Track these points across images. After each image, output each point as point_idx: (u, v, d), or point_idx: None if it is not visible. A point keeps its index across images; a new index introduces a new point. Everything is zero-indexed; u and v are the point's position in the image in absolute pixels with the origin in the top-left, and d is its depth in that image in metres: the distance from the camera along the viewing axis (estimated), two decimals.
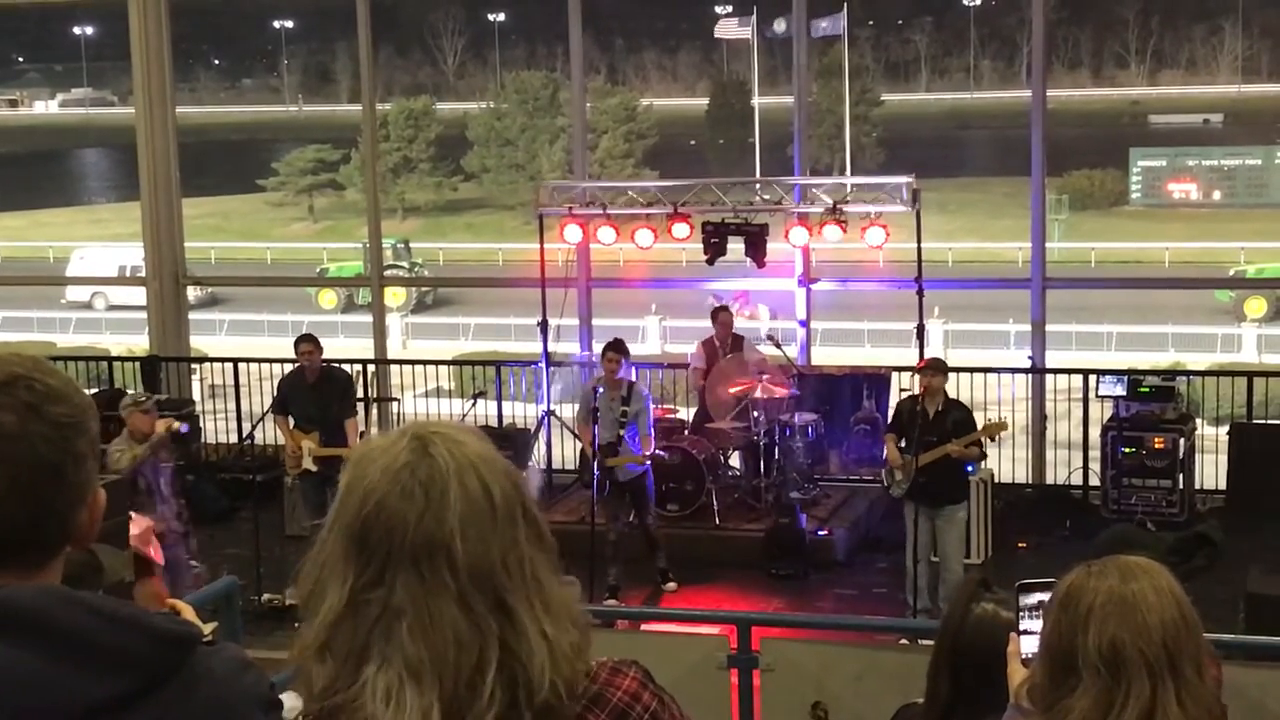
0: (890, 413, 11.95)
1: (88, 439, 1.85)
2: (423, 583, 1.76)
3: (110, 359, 18.43)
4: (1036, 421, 14.38)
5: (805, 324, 15.18)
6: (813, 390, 13.66)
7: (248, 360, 16.17)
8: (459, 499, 1.77)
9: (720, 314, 13.58)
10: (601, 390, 11.71)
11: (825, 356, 21.11)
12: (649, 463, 11.79)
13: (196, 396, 16.57)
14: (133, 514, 9.11)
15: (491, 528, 1.77)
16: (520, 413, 15.83)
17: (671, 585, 11.93)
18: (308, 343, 12.09)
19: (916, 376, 11.23)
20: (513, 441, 13.53)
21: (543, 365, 14.50)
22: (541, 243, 14.04)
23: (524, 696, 1.73)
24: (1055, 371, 15.00)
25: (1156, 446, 13.01)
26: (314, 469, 11.64)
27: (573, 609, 1.81)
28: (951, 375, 14.29)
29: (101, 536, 1.98)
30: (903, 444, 10.81)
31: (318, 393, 11.91)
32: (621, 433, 11.58)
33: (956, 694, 3.54)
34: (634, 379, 12.18)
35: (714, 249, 13.33)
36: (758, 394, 12.95)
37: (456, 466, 1.79)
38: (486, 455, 1.82)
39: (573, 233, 13.67)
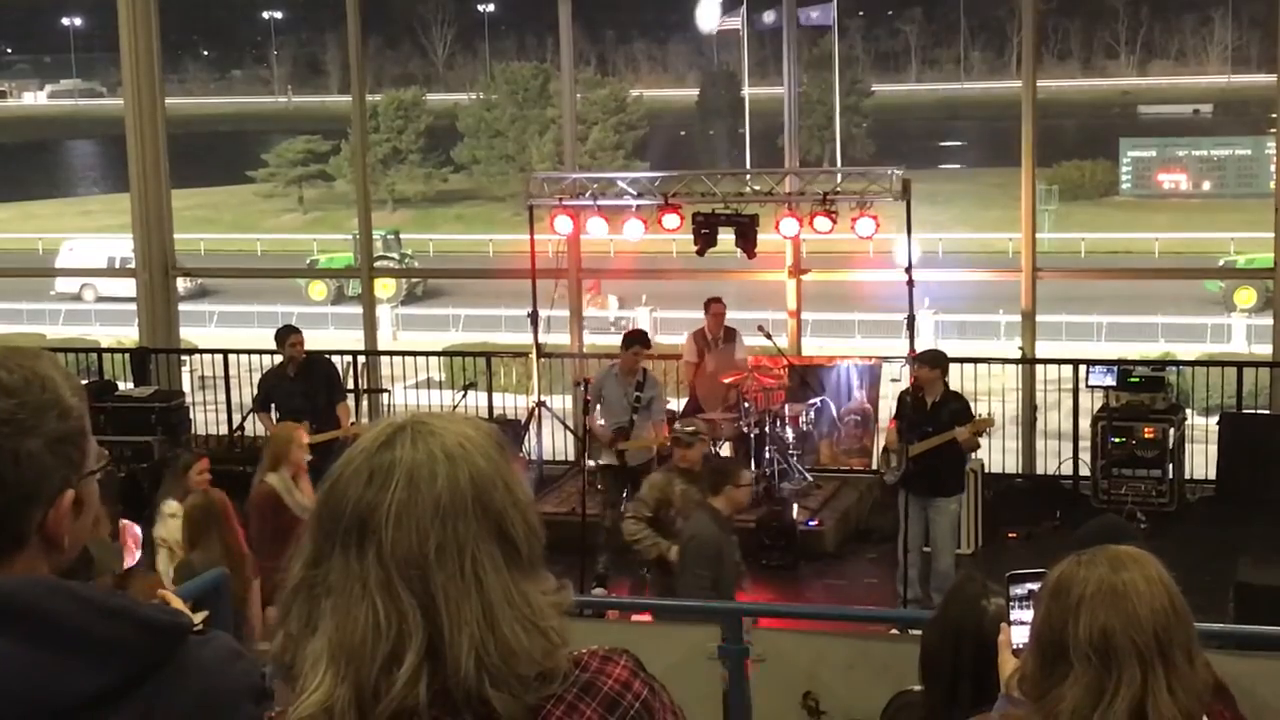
0: (895, 402, 11.94)
1: (40, 438, 1.81)
2: (350, 565, 1.76)
3: (100, 350, 18.38)
4: (1027, 412, 14.40)
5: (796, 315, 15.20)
6: (803, 381, 13.67)
7: (237, 351, 16.16)
8: (402, 487, 1.76)
9: (713, 304, 13.57)
10: (616, 374, 11.81)
11: (816, 347, 21.14)
12: (654, 451, 11.88)
13: (186, 388, 16.55)
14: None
15: (431, 519, 1.75)
16: (511, 403, 15.82)
17: None
18: (297, 334, 12.09)
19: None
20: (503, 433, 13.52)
21: (533, 356, 14.50)
22: (532, 234, 14.02)
23: (455, 688, 1.73)
24: (1045, 362, 15.00)
25: (1146, 436, 13.02)
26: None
27: (534, 607, 1.78)
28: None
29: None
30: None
31: (303, 383, 11.91)
32: (634, 417, 11.66)
33: (978, 691, 3.52)
34: (649, 367, 12.29)
35: (704, 240, 13.32)
36: (749, 385, 12.97)
37: (413, 457, 1.78)
38: (458, 451, 1.79)
39: (563, 224, 13.65)
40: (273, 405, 12.10)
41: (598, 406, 11.92)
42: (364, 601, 1.74)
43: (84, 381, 15.34)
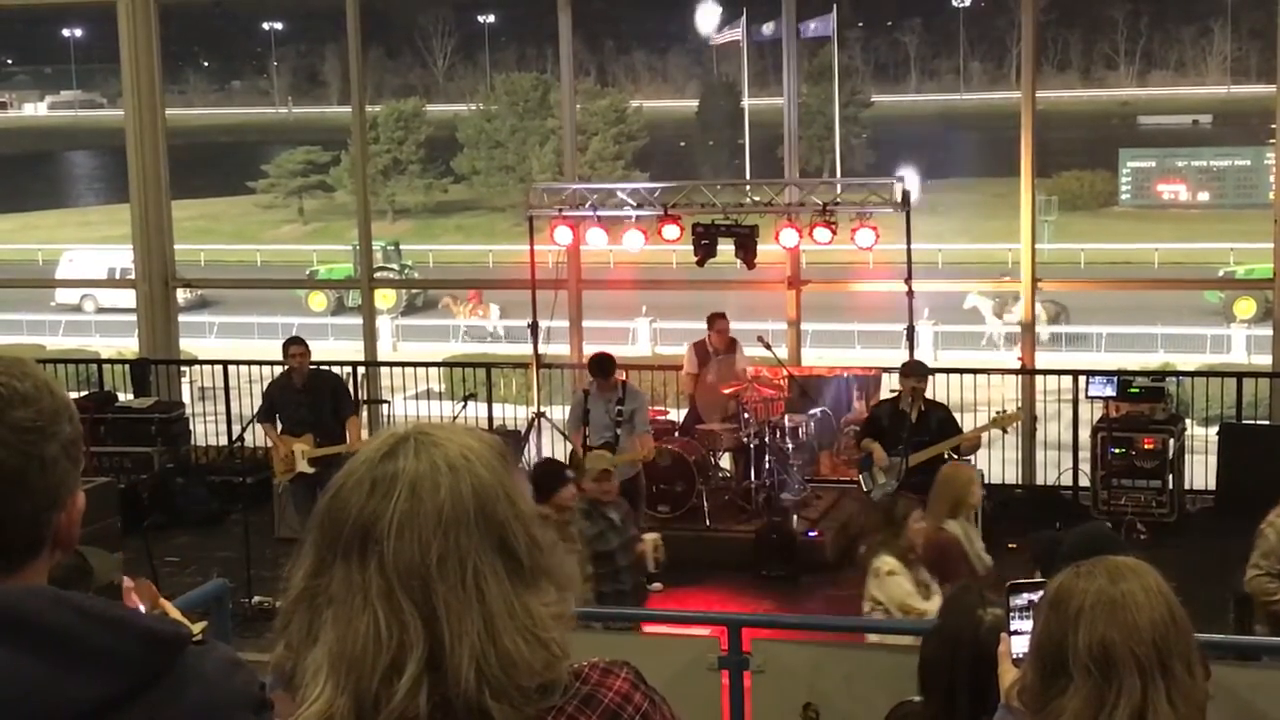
0: (869, 418, 11.90)
1: (58, 443, 1.84)
2: (351, 575, 1.76)
3: (100, 361, 18.37)
4: (1026, 422, 14.40)
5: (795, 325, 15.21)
6: (803, 392, 13.67)
7: (237, 362, 16.16)
8: (404, 498, 1.77)
9: (717, 320, 13.53)
10: (592, 392, 11.72)
11: (815, 358, 21.15)
12: (640, 465, 11.84)
13: (186, 399, 16.55)
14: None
15: (433, 530, 1.76)
16: (511, 414, 15.82)
17: (656, 586, 11.92)
18: (299, 344, 12.09)
19: (899, 379, 11.21)
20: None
21: (533, 367, 14.50)
22: (532, 244, 14.04)
23: (455, 699, 1.73)
24: (1045, 372, 15.02)
25: (1146, 447, 13.02)
26: (310, 470, 11.65)
27: (535, 618, 1.78)
28: (943, 376, 14.37)
29: (90, 539, 1.97)
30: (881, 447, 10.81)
31: (308, 395, 11.90)
32: (618, 432, 11.59)
33: (977, 700, 3.52)
34: (625, 378, 12.18)
35: (704, 250, 13.33)
36: (749, 395, 12.97)
37: (415, 467, 1.79)
38: (460, 462, 1.80)
39: (563, 234, 13.66)
40: (277, 415, 12.10)
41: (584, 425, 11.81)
42: (365, 612, 1.75)
43: (84, 393, 15.40)
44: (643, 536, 8.97)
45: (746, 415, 12.99)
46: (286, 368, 12.24)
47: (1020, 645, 2.92)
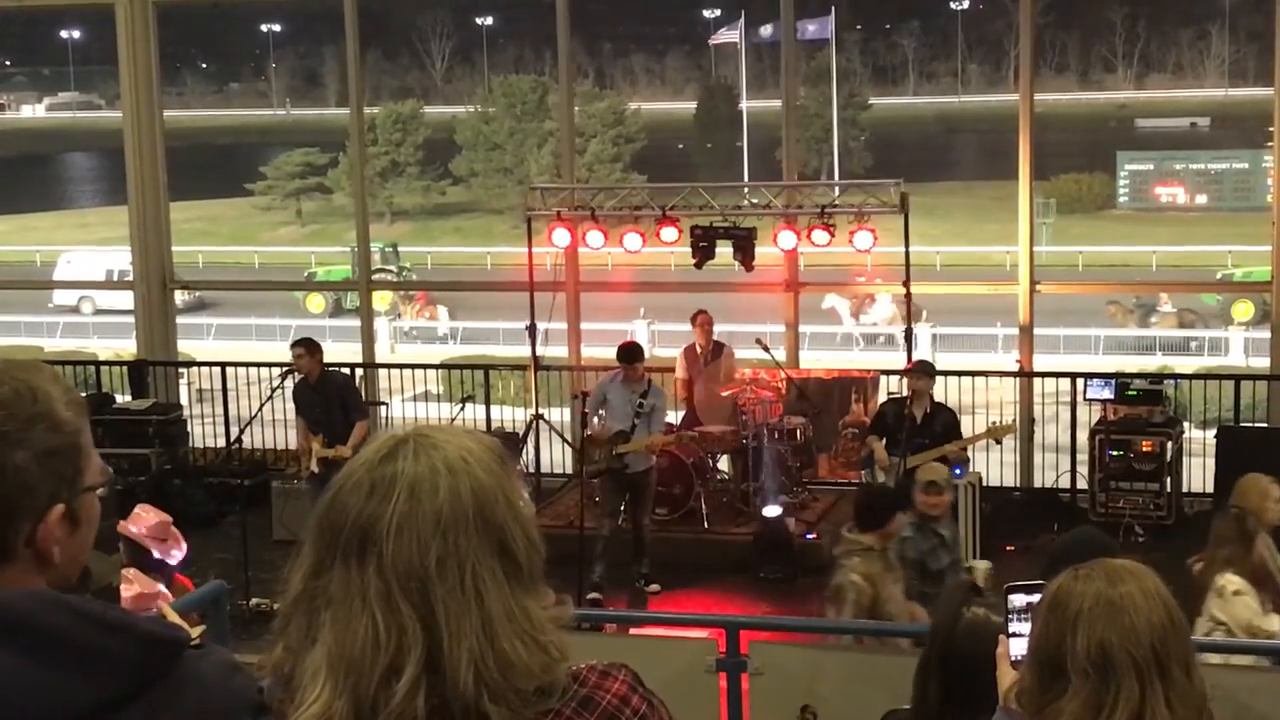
0: (874, 417, 11.94)
1: (28, 451, 1.82)
2: (350, 576, 1.76)
3: (98, 363, 18.34)
4: (1024, 425, 14.40)
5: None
6: (801, 394, 13.66)
7: (235, 364, 16.15)
8: (403, 500, 1.77)
9: (699, 316, 13.58)
10: (617, 381, 11.82)
11: (813, 360, 21.14)
12: (654, 459, 11.90)
13: (184, 401, 16.54)
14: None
15: (432, 532, 1.76)
16: (509, 416, 15.82)
17: (654, 587, 11.95)
18: (297, 346, 12.10)
19: (904, 380, 11.23)
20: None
21: (531, 369, 14.49)
22: (530, 246, 14.03)
23: (454, 702, 1.73)
24: (1043, 375, 15.02)
25: (1144, 450, 13.02)
26: (316, 470, 11.71)
27: (533, 621, 1.78)
28: (940, 379, 14.38)
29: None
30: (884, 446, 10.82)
31: (319, 396, 11.95)
32: (635, 422, 11.67)
33: (947, 698, 3.54)
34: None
35: (702, 253, 13.33)
36: (746, 398, 12.97)
37: (414, 469, 1.78)
38: (459, 464, 1.80)
39: (561, 236, 13.65)
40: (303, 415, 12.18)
41: (600, 412, 11.93)
42: (364, 614, 1.74)
43: (82, 394, 15.32)
44: (973, 563, 8.71)
45: (745, 417, 13.00)
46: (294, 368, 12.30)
47: (1019, 647, 2.92)
